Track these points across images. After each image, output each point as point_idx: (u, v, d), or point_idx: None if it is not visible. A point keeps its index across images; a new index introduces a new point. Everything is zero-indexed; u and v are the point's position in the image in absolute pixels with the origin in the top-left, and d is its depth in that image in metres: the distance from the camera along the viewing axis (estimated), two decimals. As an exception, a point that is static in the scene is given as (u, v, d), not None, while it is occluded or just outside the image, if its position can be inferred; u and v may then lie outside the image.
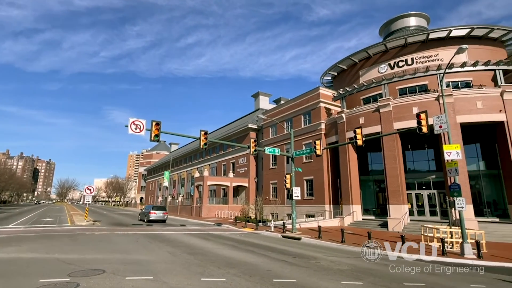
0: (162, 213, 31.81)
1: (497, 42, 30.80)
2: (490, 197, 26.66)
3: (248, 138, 42.93)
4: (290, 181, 24.00)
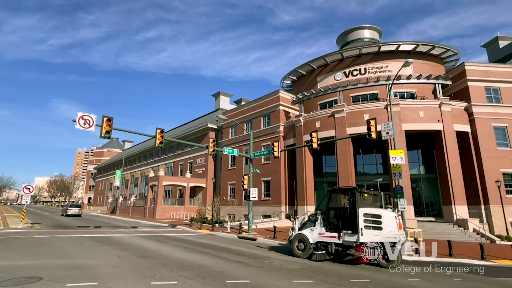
0: (77, 210, 42.53)
1: (437, 59, 34.13)
2: (428, 199, 29.42)
3: (207, 138, 42.32)
4: (248, 182, 24.13)
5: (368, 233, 11.59)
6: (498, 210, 24.92)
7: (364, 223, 11.72)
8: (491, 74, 28.80)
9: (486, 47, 46.02)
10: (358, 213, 11.83)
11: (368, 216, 11.81)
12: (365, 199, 12.94)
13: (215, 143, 22.49)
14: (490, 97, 28.38)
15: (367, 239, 11.53)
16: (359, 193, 12.48)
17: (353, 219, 11.99)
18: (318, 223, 13.29)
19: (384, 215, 11.76)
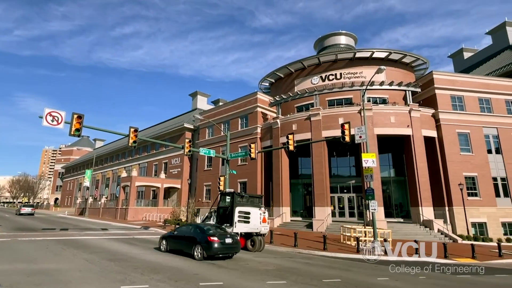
0: (30, 209, 45.34)
1: (408, 67, 35.75)
2: (398, 200, 30.67)
3: (183, 138, 41.61)
4: (224, 183, 23.97)
5: (240, 225, 15.48)
6: (460, 211, 26.48)
7: (238, 218, 15.59)
8: (456, 83, 30.60)
9: (452, 57, 48.94)
10: (235, 211, 15.67)
11: (242, 213, 15.70)
12: (243, 200, 16.61)
13: (191, 143, 22.15)
14: (455, 104, 30.13)
15: (239, 230, 15.38)
16: (237, 195, 16.45)
17: (231, 215, 15.77)
18: (212, 218, 17.26)
19: (252, 212, 15.67)
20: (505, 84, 31.32)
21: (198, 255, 12.34)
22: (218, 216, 16.81)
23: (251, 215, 15.60)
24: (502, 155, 29.18)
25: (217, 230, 13.36)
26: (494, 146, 29.58)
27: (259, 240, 15.60)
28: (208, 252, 12.19)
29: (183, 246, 13.46)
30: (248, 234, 15.63)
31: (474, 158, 28.59)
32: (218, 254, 12.39)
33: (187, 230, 14.01)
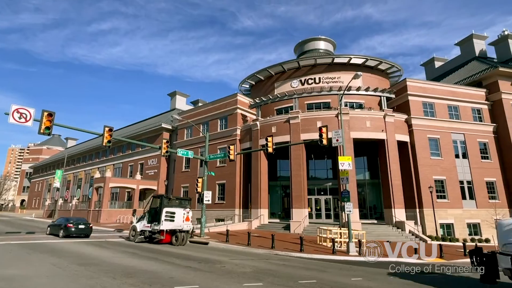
0: None
1: (383, 73, 37.06)
2: (372, 202, 31.61)
3: (161, 138, 40.75)
4: (202, 185, 23.70)
5: (166, 223, 18.14)
6: (430, 213, 27.70)
7: (165, 217, 18.12)
8: (428, 91, 32.09)
9: (425, 66, 51.27)
10: (163, 211, 18.20)
11: (168, 213, 18.32)
12: (171, 202, 19.35)
13: (168, 144, 21.73)
14: (426, 111, 31.56)
15: (165, 227, 18.14)
16: (165, 198, 19.33)
17: (159, 215, 18.25)
18: (145, 218, 19.60)
19: (177, 212, 18.55)
20: (472, 93, 33.23)
21: (60, 234, 20.36)
22: (150, 215, 19.36)
23: (176, 214, 18.50)
24: (468, 160, 30.87)
25: (77, 222, 21.09)
26: (461, 151, 31.25)
27: (182, 235, 18.59)
28: (66, 232, 20.17)
29: (56, 229, 21.14)
30: (173, 231, 18.52)
31: (443, 162, 30.05)
32: (72, 234, 20.24)
33: (60, 220, 22.11)
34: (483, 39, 42.61)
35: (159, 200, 19.20)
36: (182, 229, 18.65)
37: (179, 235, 18.48)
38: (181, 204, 19.91)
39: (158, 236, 18.40)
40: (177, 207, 19.11)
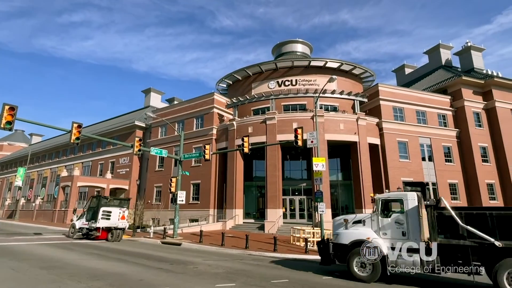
0: None
1: (357, 78, 38.29)
2: (344, 203, 32.51)
3: (133, 136, 39.44)
4: (176, 184, 23.23)
5: (102, 221, 20.00)
6: (398, 213, 28.89)
7: (101, 216, 19.96)
8: (398, 96, 33.54)
9: (396, 72, 53.57)
10: (100, 210, 20.05)
11: (105, 212, 20.18)
12: (109, 202, 21.30)
13: (141, 142, 21.10)
14: (396, 115, 32.97)
15: (101, 225, 19.99)
16: (103, 198, 21.41)
17: (97, 214, 20.08)
18: (85, 216, 21.32)
19: (113, 211, 20.45)
20: (438, 99, 35.16)
21: None
22: (88, 214, 21.17)
23: (112, 213, 20.37)
24: (433, 163, 32.60)
25: None
26: (427, 154, 32.94)
27: (117, 232, 20.55)
28: None
29: None
30: (109, 228, 20.33)
31: (410, 164, 31.51)
32: None
33: None
34: (449, 49, 45.22)
35: (97, 200, 21.37)
36: (117, 226, 20.64)
37: (114, 232, 20.47)
38: (120, 204, 22.06)
39: (94, 233, 20.24)
40: (115, 206, 21.12)
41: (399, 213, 10.04)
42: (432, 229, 9.25)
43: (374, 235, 10.05)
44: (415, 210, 9.60)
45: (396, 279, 10.09)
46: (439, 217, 9.39)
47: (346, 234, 10.61)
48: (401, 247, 9.48)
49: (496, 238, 8.40)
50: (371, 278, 9.68)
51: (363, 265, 9.89)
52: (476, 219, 8.96)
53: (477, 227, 8.68)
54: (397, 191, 11.30)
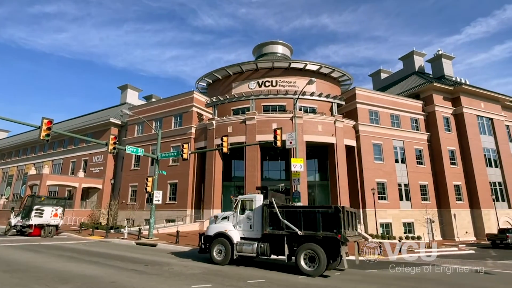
0: None
1: (335, 81, 39.15)
2: (321, 203, 33.03)
3: (108, 133, 38.19)
4: (152, 184, 22.68)
5: (35, 219, 21.99)
6: (372, 213, 29.88)
7: (34, 214, 21.98)
8: (374, 100, 34.62)
9: (372, 77, 55.31)
10: (33, 209, 22.00)
11: (38, 210, 22.19)
12: (44, 201, 23.31)
13: (116, 139, 20.44)
14: (372, 118, 34.01)
15: (34, 222, 21.91)
16: (36, 197, 23.65)
17: (30, 212, 22.01)
18: (20, 214, 23.06)
19: (46, 209, 22.48)
20: (411, 104, 36.65)
21: None
22: (23, 212, 22.87)
23: (45, 211, 22.27)
24: (406, 165, 33.93)
25: None
26: (400, 157, 34.23)
27: (50, 229, 22.28)
28: None
29: None
30: (41, 225, 22.08)
31: (384, 166, 32.62)
32: None
33: None
34: (422, 56, 47.27)
35: (31, 199, 23.15)
36: (50, 223, 22.44)
37: (47, 229, 22.17)
38: (58, 203, 24.17)
39: (27, 230, 21.72)
40: (50, 205, 23.03)
41: (249, 211, 12.67)
42: (266, 223, 11.95)
43: (231, 228, 12.70)
44: (260, 209, 12.34)
45: (242, 262, 12.64)
46: (271, 214, 11.97)
47: (213, 228, 13.19)
48: (247, 237, 12.38)
49: (300, 229, 11.21)
50: (223, 261, 12.18)
51: (220, 251, 12.41)
52: (292, 215, 11.69)
53: (291, 221, 11.49)
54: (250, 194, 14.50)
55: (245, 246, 12.06)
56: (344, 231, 10.58)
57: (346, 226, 10.96)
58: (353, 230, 11.88)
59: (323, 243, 10.84)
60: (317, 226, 11.02)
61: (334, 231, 10.66)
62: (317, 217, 11.17)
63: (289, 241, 11.42)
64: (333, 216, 10.90)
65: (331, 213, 11.02)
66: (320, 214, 11.19)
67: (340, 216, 10.73)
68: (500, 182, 36.62)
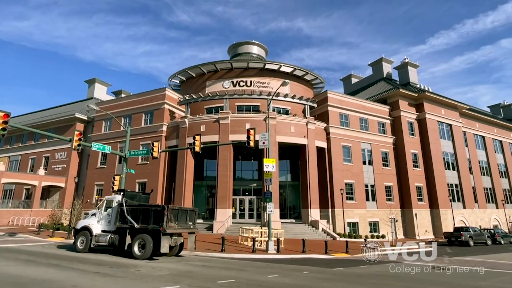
0: None
1: (308, 84, 39.98)
2: (292, 203, 33.68)
3: (73, 129, 36.21)
4: (120, 183, 21.78)
5: None
6: (340, 213, 30.87)
7: None
8: (344, 103, 35.78)
9: (343, 81, 57.15)
10: None
11: None
12: None
13: (82, 136, 19.40)
14: (342, 121, 35.13)
15: None
16: None
17: None
18: None
19: None
20: (378, 108, 38.31)
21: None
22: None
23: None
24: (373, 167, 35.41)
25: None
26: (367, 159, 35.67)
27: None
28: None
29: None
30: None
31: (353, 167, 33.82)
32: None
33: None
34: (390, 63, 49.60)
35: None
36: None
37: None
38: None
39: None
40: None
41: (110, 208, 15.45)
42: (117, 218, 14.79)
43: (95, 223, 15.49)
44: (116, 207, 15.08)
45: (99, 251, 15.31)
46: (121, 211, 14.71)
47: (81, 222, 16.16)
48: (106, 230, 15.15)
49: (138, 223, 14.03)
50: (83, 250, 14.85)
51: (82, 242, 15.03)
52: (135, 212, 14.40)
53: (134, 217, 14.22)
54: None
55: (101, 238, 14.79)
56: (166, 225, 13.40)
57: (173, 221, 13.93)
58: (186, 224, 14.96)
59: (152, 234, 13.55)
60: (149, 221, 13.84)
61: (159, 225, 13.44)
62: (150, 214, 13.92)
63: (130, 233, 14.14)
64: (160, 213, 13.66)
65: (159, 210, 13.79)
66: (152, 211, 13.97)
67: (164, 213, 13.49)
68: (456, 184, 39.35)
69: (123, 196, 15.23)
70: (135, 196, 16.53)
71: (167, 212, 13.50)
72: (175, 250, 14.84)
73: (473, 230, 28.77)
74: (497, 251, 23.02)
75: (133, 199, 16.10)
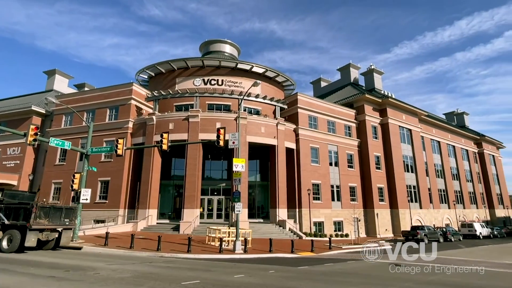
0: None
1: (280, 85, 40.50)
2: (260, 203, 33.90)
3: (29, 123, 33.59)
4: (80, 181, 20.60)
5: None
6: (307, 212, 31.61)
7: None
8: (313, 106, 36.69)
9: (313, 84, 58.64)
10: None
11: None
12: None
13: (39, 130, 18.10)
14: (311, 123, 35.99)
15: None
16: None
17: None
18: None
19: None
20: (345, 112, 39.76)
21: None
22: None
23: None
24: (338, 168, 36.66)
25: None
26: (334, 160, 36.86)
27: None
28: None
29: None
30: None
31: (320, 168, 34.78)
32: None
33: None
34: (357, 69, 51.69)
35: None
36: None
37: None
38: None
39: None
40: None
41: None
42: None
43: None
44: None
45: None
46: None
47: None
48: None
49: (9, 219, 15.01)
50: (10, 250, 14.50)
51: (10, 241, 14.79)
52: (9, 210, 15.31)
53: (7, 215, 15.19)
54: None
55: None
56: (33, 221, 14.37)
57: (43, 217, 14.92)
58: (60, 220, 15.86)
59: (20, 229, 14.52)
60: (19, 217, 14.83)
61: (27, 221, 14.39)
62: (21, 211, 14.92)
63: (2, 229, 14.99)
64: (29, 210, 14.64)
65: (29, 208, 14.78)
66: (23, 208, 14.99)
67: (32, 211, 14.51)
68: (414, 185, 41.92)
69: (2, 195, 16.42)
70: (16, 195, 17.97)
71: (35, 210, 14.48)
72: (51, 244, 16.00)
73: (427, 228, 30.81)
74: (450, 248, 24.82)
75: (14, 198, 17.30)
